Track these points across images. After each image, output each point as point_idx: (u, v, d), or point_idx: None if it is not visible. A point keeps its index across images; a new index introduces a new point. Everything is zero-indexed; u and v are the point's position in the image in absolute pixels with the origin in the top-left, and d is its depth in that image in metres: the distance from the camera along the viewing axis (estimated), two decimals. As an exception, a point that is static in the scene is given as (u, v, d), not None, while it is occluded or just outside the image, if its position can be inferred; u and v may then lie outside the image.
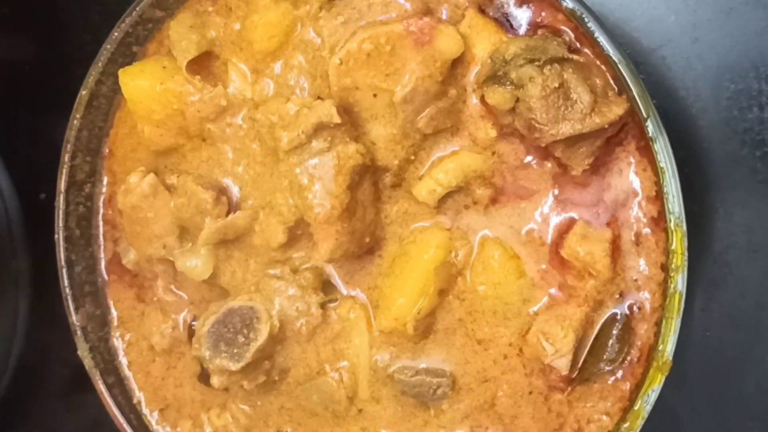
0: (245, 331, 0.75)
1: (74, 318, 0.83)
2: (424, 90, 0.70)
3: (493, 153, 0.73)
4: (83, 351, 0.83)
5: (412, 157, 0.74)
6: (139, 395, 0.85)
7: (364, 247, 0.75)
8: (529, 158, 0.73)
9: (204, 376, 0.81)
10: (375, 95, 0.71)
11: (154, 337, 0.83)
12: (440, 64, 0.70)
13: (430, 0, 0.73)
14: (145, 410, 0.85)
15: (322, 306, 0.77)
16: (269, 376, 0.77)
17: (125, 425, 0.82)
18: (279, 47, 0.75)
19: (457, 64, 0.71)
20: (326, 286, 0.78)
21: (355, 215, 0.72)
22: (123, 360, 0.85)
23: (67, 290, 0.83)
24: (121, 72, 0.78)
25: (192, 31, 0.77)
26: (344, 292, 0.78)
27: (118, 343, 0.85)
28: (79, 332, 0.83)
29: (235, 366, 0.74)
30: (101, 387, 0.83)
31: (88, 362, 0.83)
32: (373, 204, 0.74)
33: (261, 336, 0.75)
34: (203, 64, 0.78)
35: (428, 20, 0.70)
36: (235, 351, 0.74)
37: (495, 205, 0.74)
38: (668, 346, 0.69)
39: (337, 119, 0.69)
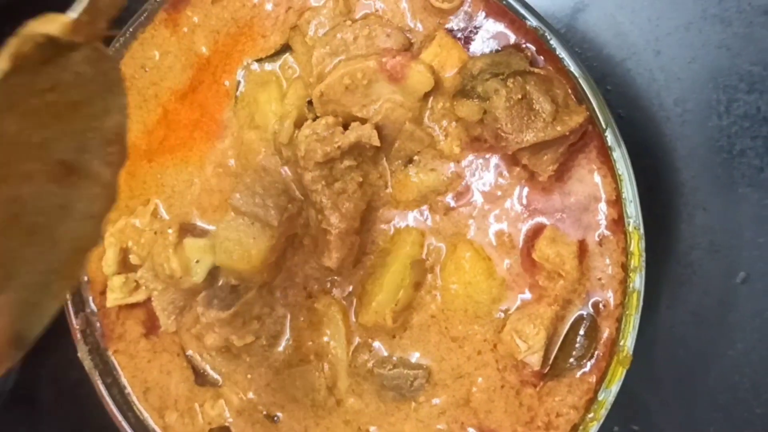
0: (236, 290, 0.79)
1: (74, 321, 0.85)
2: (394, 119, 0.75)
3: (458, 163, 0.76)
4: (83, 353, 0.85)
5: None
6: (120, 374, 0.86)
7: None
8: (498, 166, 0.75)
9: (199, 377, 0.84)
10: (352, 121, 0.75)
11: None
12: (413, 98, 0.74)
13: (410, 32, 0.76)
14: (129, 389, 0.86)
15: (309, 295, 0.80)
16: (258, 338, 0.80)
17: (124, 424, 0.84)
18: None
19: (429, 93, 0.75)
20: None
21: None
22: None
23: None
24: None
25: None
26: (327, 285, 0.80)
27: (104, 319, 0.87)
28: (79, 335, 0.85)
29: (224, 313, 0.77)
30: (101, 387, 0.85)
31: (87, 364, 0.85)
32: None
33: (249, 291, 0.79)
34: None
35: (400, 59, 0.73)
36: (226, 303, 0.77)
37: (466, 208, 0.76)
38: (628, 342, 0.71)
39: (376, 141, 0.73)
